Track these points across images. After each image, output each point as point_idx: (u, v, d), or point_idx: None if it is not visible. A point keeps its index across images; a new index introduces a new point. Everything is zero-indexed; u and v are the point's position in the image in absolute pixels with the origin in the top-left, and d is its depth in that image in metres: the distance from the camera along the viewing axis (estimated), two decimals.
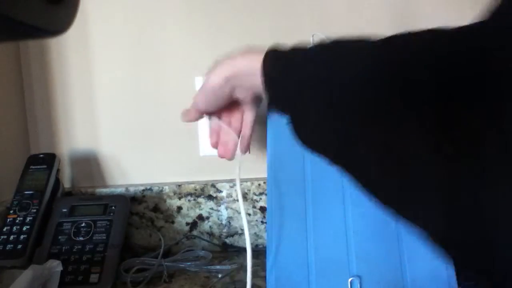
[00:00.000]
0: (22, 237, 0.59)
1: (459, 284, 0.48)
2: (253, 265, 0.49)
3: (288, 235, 0.52)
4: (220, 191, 0.70)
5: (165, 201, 0.70)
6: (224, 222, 0.70)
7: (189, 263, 0.63)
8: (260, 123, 0.71)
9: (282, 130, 0.58)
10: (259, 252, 0.64)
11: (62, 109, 0.73)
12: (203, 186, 0.70)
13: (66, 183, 0.74)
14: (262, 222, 0.69)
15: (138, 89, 0.72)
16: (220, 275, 0.60)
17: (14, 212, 0.61)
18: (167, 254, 0.65)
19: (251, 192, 0.69)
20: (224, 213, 0.70)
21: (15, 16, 0.17)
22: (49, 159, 0.66)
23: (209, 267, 0.62)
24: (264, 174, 0.61)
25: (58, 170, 0.67)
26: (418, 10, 0.69)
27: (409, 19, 0.69)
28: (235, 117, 0.52)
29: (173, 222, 0.70)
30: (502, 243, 0.21)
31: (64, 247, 0.58)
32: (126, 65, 0.72)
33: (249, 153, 0.54)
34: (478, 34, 0.28)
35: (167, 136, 0.73)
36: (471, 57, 0.26)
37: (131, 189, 0.70)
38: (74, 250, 0.58)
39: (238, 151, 0.56)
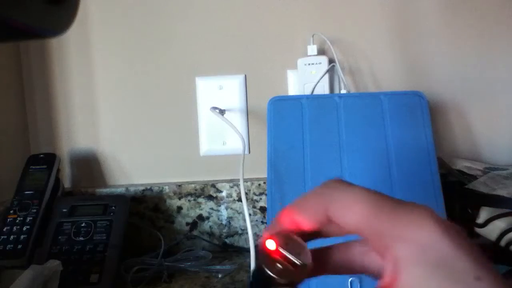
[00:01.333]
0: (22, 237, 0.59)
1: None
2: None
3: None
4: (220, 191, 0.70)
5: (165, 201, 0.70)
6: (224, 222, 0.70)
7: (189, 263, 0.63)
8: (260, 123, 0.71)
9: (282, 130, 0.58)
10: None
11: (62, 109, 0.73)
12: (203, 186, 0.70)
13: (66, 183, 0.74)
14: (262, 222, 0.69)
15: (138, 89, 0.72)
16: (220, 275, 0.60)
17: (14, 212, 0.61)
18: (167, 254, 0.65)
19: (251, 192, 0.69)
20: (224, 213, 0.70)
21: (15, 16, 0.17)
22: (49, 159, 0.66)
23: (209, 267, 0.62)
24: (264, 174, 0.61)
25: (58, 170, 0.67)
26: (417, 10, 0.69)
27: (409, 19, 0.69)
28: None
29: (173, 222, 0.70)
30: None
31: (64, 247, 0.58)
32: (126, 65, 0.72)
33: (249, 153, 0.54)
34: None
35: (167, 136, 0.73)
36: None
37: (131, 189, 0.70)
38: (74, 250, 0.58)
39: (242, 151, 0.56)
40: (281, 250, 0.22)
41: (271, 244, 0.22)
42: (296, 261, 0.22)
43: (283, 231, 0.23)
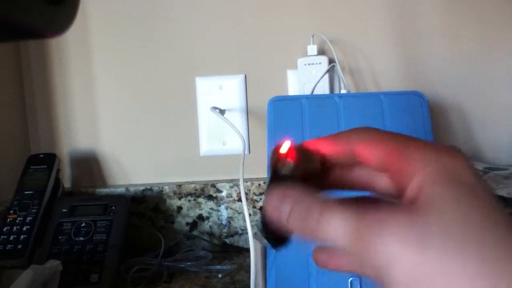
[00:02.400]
0: (22, 237, 0.59)
1: None
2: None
3: None
4: (220, 191, 0.70)
5: (165, 201, 0.70)
6: (224, 222, 0.70)
7: (189, 263, 0.63)
8: (260, 123, 0.71)
9: (282, 130, 0.58)
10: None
11: (62, 109, 0.73)
12: (203, 186, 0.70)
13: (66, 183, 0.73)
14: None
15: (138, 89, 0.72)
16: (220, 275, 0.60)
17: (14, 212, 0.61)
18: (167, 254, 0.65)
19: (251, 192, 0.69)
20: (224, 213, 0.70)
21: (15, 16, 0.17)
22: (49, 159, 0.66)
23: (209, 267, 0.62)
24: (264, 174, 0.61)
25: (58, 170, 0.67)
26: (417, 10, 0.69)
27: (409, 19, 0.69)
28: None
29: (173, 222, 0.70)
30: None
31: (64, 247, 0.58)
32: (126, 65, 0.72)
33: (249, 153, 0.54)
34: None
35: (167, 136, 0.73)
36: None
37: (131, 189, 0.70)
38: (74, 250, 0.58)
39: (242, 151, 0.56)
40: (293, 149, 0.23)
41: (285, 145, 0.23)
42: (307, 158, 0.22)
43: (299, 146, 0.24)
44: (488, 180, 0.57)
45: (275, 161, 0.22)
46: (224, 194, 0.70)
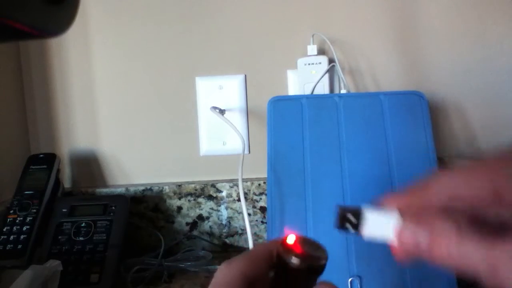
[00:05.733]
0: (22, 237, 0.59)
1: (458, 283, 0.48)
2: None
3: None
4: (220, 191, 0.70)
5: (165, 201, 0.70)
6: (224, 222, 0.70)
7: (189, 263, 0.63)
8: (260, 123, 0.71)
9: (282, 130, 0.58)
10: None
11: (62, 109, 0.73)
12: (203, 186, 0.70)
13: (66, 183, 0.74)
14: (262, 222, 0.69)
15: (138, 89, 0.72)
16: None
17: (14, 212, 0.61)
18: (167, 254, 0.65)
19: (251, 192, 0.69)
20: (224, 213, 0.70)
21: (15, 16, 0.17)
22: (49, 159, 0.66)
23: (209, 267, 0.62)
24: (264, 174, 0.61)
25: (58, 170, 0.67)
26: (418, 10, 0.69)
27: (408, 19, 0.69)
28: None
29: (173, 222, 0.70)
30: None
31: (64, 247, 0.58)
32: (126, 65, 0.72)
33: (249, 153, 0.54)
34: None
35: (167, 136, 0.73)
36: None
37: (131, 189, 0.70)
38: (74, 250, 0.58)
39: (241, 151, 0.56)
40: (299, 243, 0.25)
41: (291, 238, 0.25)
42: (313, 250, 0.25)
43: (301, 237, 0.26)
44: None
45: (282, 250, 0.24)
46: (224, 194, 0.70)
